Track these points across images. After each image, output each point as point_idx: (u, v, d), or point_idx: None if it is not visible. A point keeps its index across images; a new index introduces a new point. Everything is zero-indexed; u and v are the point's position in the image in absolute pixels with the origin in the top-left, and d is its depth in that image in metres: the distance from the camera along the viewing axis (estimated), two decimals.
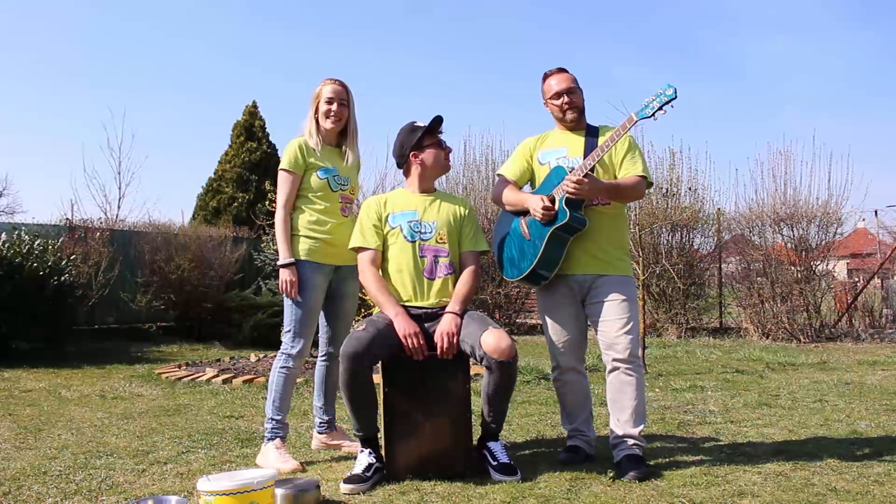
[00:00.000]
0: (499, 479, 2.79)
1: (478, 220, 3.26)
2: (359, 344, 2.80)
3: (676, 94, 2.86)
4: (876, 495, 2.58)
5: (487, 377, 2.88)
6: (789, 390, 4.97)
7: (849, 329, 9.31)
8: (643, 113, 2.91)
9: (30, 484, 2.82)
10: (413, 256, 3.05)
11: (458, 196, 3.35)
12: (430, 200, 3.16)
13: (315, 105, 3.35)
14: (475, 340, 2.85)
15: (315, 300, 3.25)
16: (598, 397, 4.19)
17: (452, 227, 3.12)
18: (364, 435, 2.92)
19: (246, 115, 15.08)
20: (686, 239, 10.20)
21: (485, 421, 2.96)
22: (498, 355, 2.79)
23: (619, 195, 3.08)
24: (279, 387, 3.22)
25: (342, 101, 3.33)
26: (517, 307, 10.73)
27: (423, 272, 3.04)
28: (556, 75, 3.19)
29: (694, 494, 2.60)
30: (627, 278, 3.11)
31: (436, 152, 3.17)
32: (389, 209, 3.13)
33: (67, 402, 4.81)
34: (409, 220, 3.10)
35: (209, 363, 6.85)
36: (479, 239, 3.18)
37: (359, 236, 3.11)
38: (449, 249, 3.09)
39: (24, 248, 7.38)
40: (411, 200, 3.15)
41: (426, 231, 3.09)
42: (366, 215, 3.13)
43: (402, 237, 3.07)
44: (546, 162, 3.18)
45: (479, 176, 11.34)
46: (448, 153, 3.23)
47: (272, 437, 3.18)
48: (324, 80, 3.37)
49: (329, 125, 3.32)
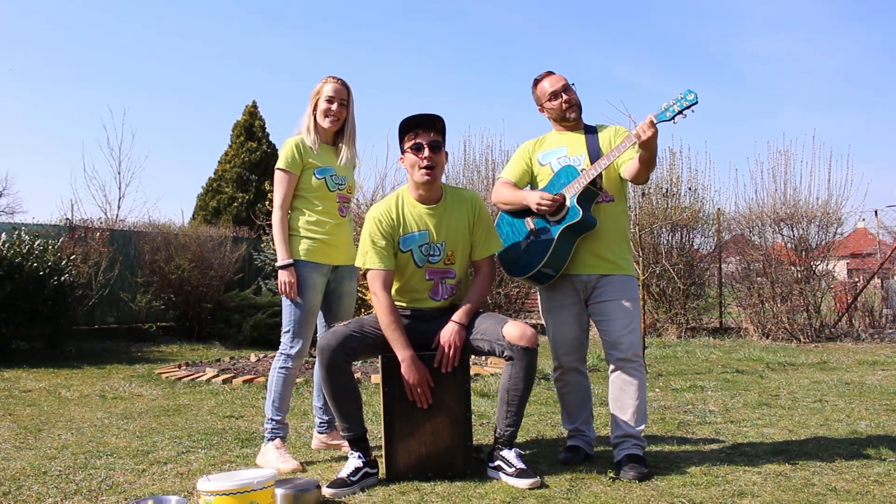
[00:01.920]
0: (519, 486, 2.70)
1: (489, 214, 3.07)
2: (333, 337, 2.79)
3: (697, 100, 2.82)
4: (876, 495, 2.58)
5: (509, 370, 2.83)
6: (789, 390, 4.97)
7: (849, 329, 9.31)
8: (663, 116, 2.87)
9: (30, 484, 2.82)
10: (420, 279, 2.99)
11: (466, 193, 3.08)
12: (440, 215, 2.97)
13: (314, 102, 3.32)
14: (495, 335, 2.82)
15: (313, 300, 3.24)
16: (598, 397, 4.19)
17: (462, 241, 3.00)
18: (351, 435, 2.86)
19: (246, 115, 15.09)
20: (686, 239, 10.20)
21: (501, 425, 2.89)
22: (525, 342, 2.77)
23: (653, 160, 2.96)
24: (278, 387, 3.21)
25: (342, 101, 3.31)
26: (517, 307, 10.73)
27: (429, 293, 3.01)
28: (547, 78, 3.19)
29: (694, 494, 2.60)
30: (631, 278, 3.11)
31: (411, 158, 2.90)
32: (401, 230, 2.95)
33: (67, 402, 4.80)
34: (419, 243, 2.96)
35: (209, 363, 6.85)
36: (492, 240, 3.05)
37: (373, 258, 2.91)
38: (456, 270, 3.01)
39: (24, 248, 7.38)
40: (422, 216, 2.97)
41: (435, 254, 2.97)
42: (377, 232, 2.93)
43: (413, 262, 2.96)
44: (546, 163, 3.18)
45: (478, 176, 11.36)
46: (427, 159, 2.84)
47: (272, 437, 3.18)
48: (325, 77, 3.34)
49: (327, 124, 3.30)
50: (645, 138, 2.80)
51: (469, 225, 3.02)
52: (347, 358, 2.82)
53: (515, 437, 2.91)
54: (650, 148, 2.86)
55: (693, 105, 2.84)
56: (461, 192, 3.08)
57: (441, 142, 2.92)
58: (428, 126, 2.91)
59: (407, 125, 2.92)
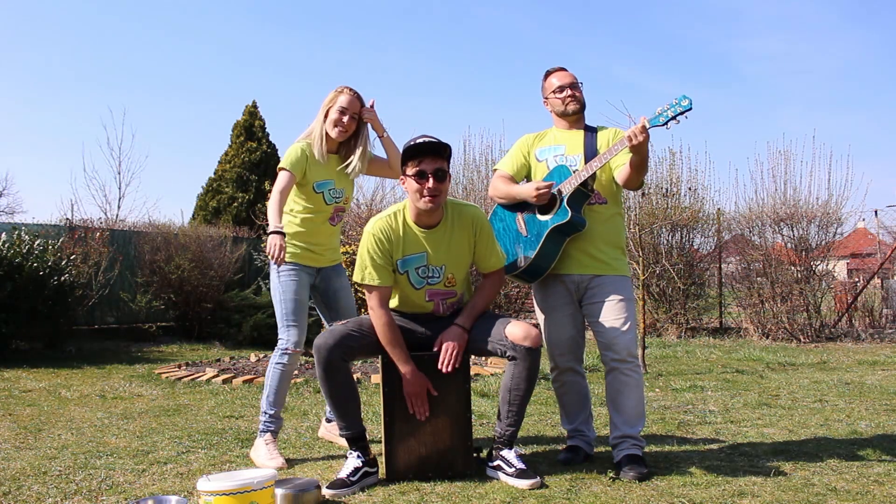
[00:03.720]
0: (519, 486, 2.70)
1: (490, 230, 2.99)
2: (330, 336, 2.79)
3: (691, 106, 2.81)
4: (876, 495, 2.58)
5: (512, 370, 2.83)
6: (789, 390, 4.97)
7: (849, 329, 9.31)
8: (656, 121, 2.87)
9: (30, 484, 2.82)
10: (420, 299, 2.97)
11: (467, 210, 2.95)
12: (439, 238, 2.89)
13: (325, 111, 3.29)
14: (498, 335, 2.83)
15: (298, 292, 3.25)
16: (597, 397, 4.19)
17: (463, 263, 2.96)
18: (350, 434, 2.86)
19: (246, 115, 15.08)
20: (686, 239, 10.20)
21: (501, 425, 2.89)
22: (529, 342, 2.77)
23: (644, 165, 2.96)
24: (273, 381, 3.25)
25: (354, 114, 3.28)
26: (517, 307, 10.72)
27: (431, 310, 2.99)
28: (558, 72, 3.21)
29: (694, 494, 2.60)
30: (624, 278, 3.11)
31: (413, 185, 2.79)
32: (398, 253, 2.88)
33: (67, 402, 4.80)
34: (416, 266, 2.90)
35: (209, 363, 6.85)
36: (493, 255, 2.98)
37: (372, 273, 2.85)
38: (457, 290, 2.99)
39: (24, 248, 7.38)
40: (420, 239, 2.88)
41: (434, 276, 2.92)
42: (376, 249, 2.85)
43: (410, 285, 2.93)
44: (543, 159, 3.18)
45: (478, 176, 11.34)
46: (431, 188, 2.74)
47: (264, 430, 3.23)
48: (339, 87, 3.30)
49: (335, 135, 3.28)
50: (636, 142, 2.80)
51: (470, 246, 2.95)
52: (344, 357, 2.82)
53: (516, 438, 2.91)
54: (641, 153, 2.85)
55: (687, 111, 2.83)
56: (462, 210, 2.94)
57: (446, 170, 2.81)
58: (434, 154, 2.79)
59: (411, 152, 2.79)
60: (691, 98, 2.82)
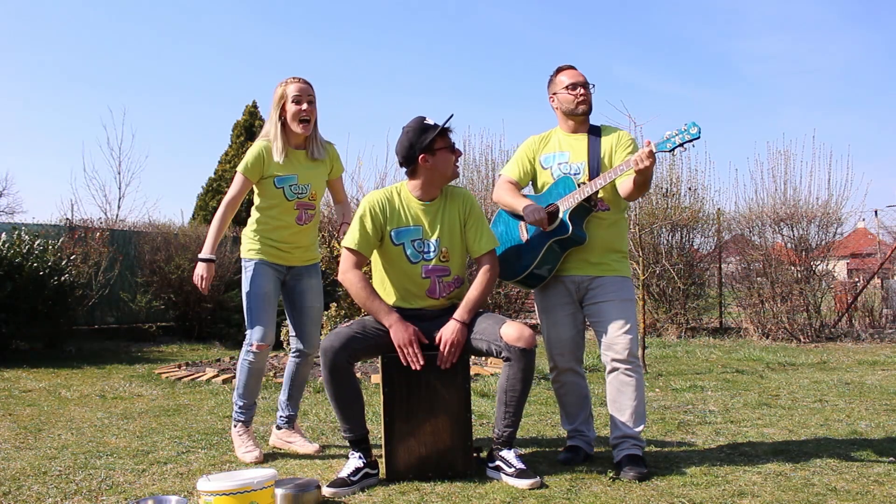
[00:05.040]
0: (519, 486, 2.70)
1: (481, 211, 3.08)
2: (336, 339, 2.80)
3: (700, 135, 2.79)
4: (876, 495, 2.58)
5: (507, 371, 2.84)
6: (789, 390, 4.97)
7: (849, 329, 9.31)
8: (662, 146, 2.86)
9: (30, 484, 2.82)
10: (416, 277, 2.98)
11: (459, 190, 3.10)
12: (434, 212, 3.00)
13: (280, 107, 3.22)
14: (493, 335, 2.83)
15: (265, 287, 3.25)
16: (598, 397, 4.19)
17: (456, 238, 3.01)
18: (353, 436, 2.87)
19: (246, 115, 15.07)
20: (686, 239, 10.19)
21: (499, 426, 2.89)
22: (523, 343, 2.78)
23: (647, 184, 2.98)
24: (241, 374, 3.30)
25: (310, 98, 3.22)
26: (517, 307, 10.73)
27: (427, 292, 3.00)
28: (569, 70, 3.20)
29: (694, 494, 2.60)
30: (625, 279, 3.11)
31: (448, 157, 2.96)
32: (393, 223, 2.97)
33: (67, 402, 4.81)
34: (412, 238, 2.97)
35: (209, 363, 6.85)
36: (484, 236, 3.02)
37: (354, 236, 2.96)
38: (451, 267, 3.01)
39: (24, 248, 7.38)
40: (417, 212, 2.99)
41: (428, 251, 2.97)
42: (367, 215, 2.95)
43: (406, 258, 2.97)
44: (548, 167, 3.18)
45: (478, 176, 11.34)
46: (458, 157, 3.01)
47: (235, 421, 3.30)
48: (284, 80, 3.23)
49: (300, 129, 3.20)
50: (642, 167, 2.81)
51: (461, 221, 3.02)
52: (350, 359, 2.83)
53: (514, 438, 2.91)
54: (646, 175, 2.88)
55: (694, 139, 2.81)
56: (454, 190, 3.09)
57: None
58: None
59: (438, 129, 2.91)
60: (700, 126, 2.79)
